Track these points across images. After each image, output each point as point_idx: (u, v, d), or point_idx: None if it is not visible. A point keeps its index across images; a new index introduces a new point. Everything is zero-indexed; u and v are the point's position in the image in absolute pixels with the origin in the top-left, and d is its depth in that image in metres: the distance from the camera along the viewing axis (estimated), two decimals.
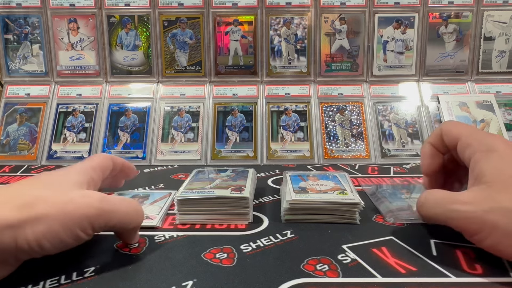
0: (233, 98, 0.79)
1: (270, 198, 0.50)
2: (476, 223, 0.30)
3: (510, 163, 0.32)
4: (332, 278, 0.31)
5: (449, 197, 0.33)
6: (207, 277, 0.31)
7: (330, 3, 0.80)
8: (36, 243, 0.28)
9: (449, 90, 0.80)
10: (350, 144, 0.73)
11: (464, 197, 0.32)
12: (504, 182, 0.30)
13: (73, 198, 0.31)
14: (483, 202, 0.30)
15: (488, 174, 0.31)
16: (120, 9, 0.80)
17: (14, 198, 0.29)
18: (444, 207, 0.33)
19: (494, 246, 0.30)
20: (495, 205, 0.30)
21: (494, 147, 0.33)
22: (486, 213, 0.30)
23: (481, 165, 0.32)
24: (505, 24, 0.80)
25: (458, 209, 0.31)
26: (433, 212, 0.34)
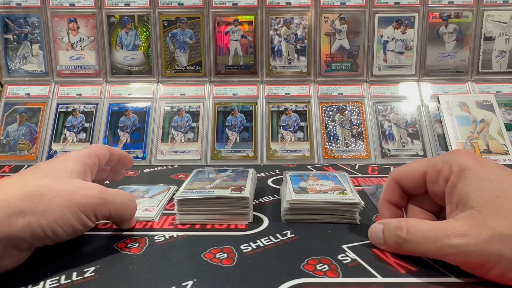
0: (233, 98, 0.79)
1: (270, 198, 0.50)
2: (479, 256, 0.28)
3: (489, 181, 0.30)
4: (332, 278, 0.31)
5: (440, 230, 0.30)
6: (207, 277, 0.31)
7: (330, 3, 0.80)
8: (50, 229, 0.30)
9: (449, 90, 0.80)
10: (350, 144, 0.73)
11: (458, 228, 0.29)
12: (492, 205, 0.29)
13: (77, 188, 0.33)
14: (480, 231, 0.28)
15: (473, 198, 0.29)
16: (120, 9, 0.80)
17: (22, 187, 0.31)
18: (438, 243, 0.29)
19: (502, 276, 0.28)
20: (493, 232, 0.28)
21: (466, 165, 0.31)
22: (487, 243, 0.27)
23: (461, 188, 0.30)
24: (505, 24, 0.80)
25: (456, 244, 0.28)
26: (423, 249, 0.31)
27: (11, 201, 0.29)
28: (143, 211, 0.44)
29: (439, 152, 0.72)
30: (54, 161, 0.36)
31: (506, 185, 0.29)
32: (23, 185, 0.31)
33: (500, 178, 0.30)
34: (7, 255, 0.30)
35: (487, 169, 0.31)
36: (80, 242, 0.38)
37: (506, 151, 0.71)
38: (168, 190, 0.51)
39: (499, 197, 0.29)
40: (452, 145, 0.71)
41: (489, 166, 0.31)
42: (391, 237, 0.33)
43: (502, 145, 0.71)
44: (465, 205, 0.30)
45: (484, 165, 0.31)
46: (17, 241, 0.29)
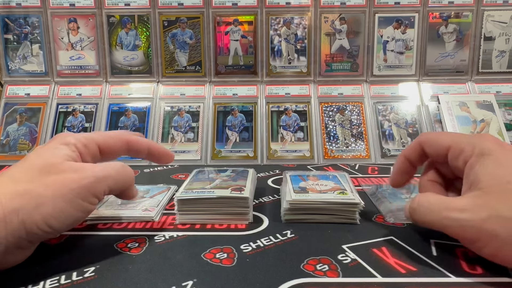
0: (233, 98, 0.79)
1: (270, 198, 0.50)
2: (474, 232, 0.29)
3: (506, 167, 0.30)
4: (332, 278, 0.31)
5: (444, 203, 0.32)
6: (207, 277, 0.31)
7: (330, 3, 0.80)
8: (45, 224, 0.29)
9: (449, 90, 0.80)
10: (350, 144, 0.73)
11: (460, 204, 0.31)
12: (500, 188, 0.29)
13: (65, 174, 0.31)
14: (480, 209, 0.29)
15: (484, 180, 0.30)
16: (120, 9, 0.80)
17: (12, 184, 0.30)
18: (440, 214, 0.31)
19: (494, 254, 0.29)
20: (493, 213, 0.28)
21: (488, 150, 0.32)
22: (484, 221, 0.29)
23: (476, 170, 0.31)
24: (505, 24, 0.80)
25: (454, 217, 0.30)
26: (427, 218, 0.33)
27: (3, 200, 0.28)
28: (143, 211, 0.44)
29: None
30: (45, 148, 0.34)
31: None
32: (12, 182, 0.30)
33: None
34: (9, 254, 0.29)
35: (508, 156, 0.31)
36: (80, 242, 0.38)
37: None
38: (168, 190, 0.51)
39: (510, 182, 0.29)
40: None
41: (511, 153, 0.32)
42: (408, 208, 0.35)
43: None
44: (476, 185, 0.31)
45: (507, 152, 0.32)
46: (15, 241, 0.29)
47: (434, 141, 0.36)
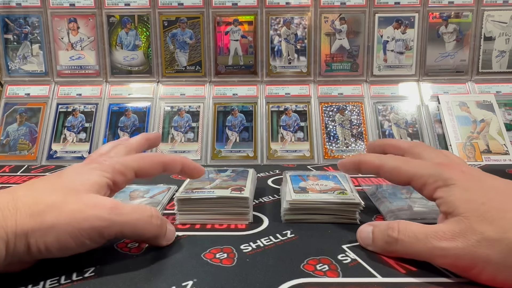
0: (233, 98, 0.79)
1: (270, 198, 0.50)
2: (469, 259, 0.29)
3: (473, 191, 0.31)
4: (332, 278, 0.31)
5: (431, 232, 0.30)
6: (207, 277, 0.31)
7: (330, 3, 0.80)
8: (45, 250, 0.30)
9: (449, 90, 0.80)
10: (350, 144, 0.73)
11: (447, 232, 0.30)
12: (478, 212, 0.29)
13: (82, 208, 0.31)
14: (468, 236, 0.29)
15: (459, 205, 0.30)
16: (120, 9, 0.80)
17: (29, 204, 0.30)
18: (429, 244, 0.30)
19: (493, 279, 0.28)
20: (480, 237, 0.28)
21: (451, 180, 0.32)
22: (475, 247, 0.28)
23: (446, 200, 0.31)
24: (505, 24, 0.80)
25: (446, 247, 0.29)
26: (414, 249, 0.31)
27: (18, 220, 0.29)
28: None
29: None
30: (79, 168, 0.35)
31: (492, 193, 0.31)
32: (33, 198, 0.30)
33: (485, 187, 0.31)
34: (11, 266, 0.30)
35: (473, 180, 0.32)
36: None
37: (506, 151, 0.71)
38: (168, 190, 0.51)
39: (484, 204, 0.30)
40: (452, 145, 0.71)
41: (475, 177, 0.33)
42: (382, 237, 0.33)
43: (502, 145, 0.71)
44: (452, 213, 0.30)
45: (470, 177, 0.32)
46: (17, 258, 0.29)
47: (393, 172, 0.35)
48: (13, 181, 0.61)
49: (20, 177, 0.63)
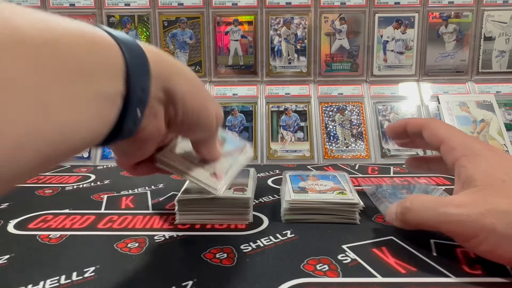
0: (233, 98, 0.79)
1: (270, 198, 0.50)
2: (472, 227, 0.29)
3: (497, 167, 0.31)
4: (332, 278, 0.31)
5: (439, 201, 0.32)
6: (207, 277, 0.31)
7: (330, 3, 0.80)
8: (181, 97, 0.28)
9: (449, 90, 0.80)
10: (350, 144, 0.73)
11: (457, 200, 0.31)
12: (496, 186, 0.30)
13: None
14: (478, 204, 0.29)
15: (478, 178, 0.31)
16: (120, 9, 0.80)
17: None
18: (436, 211, 0.31)
19: (492, 251, 0.29)
20: (491, 207, 0.28)
21: (479, 151, 0.32)
22: (483, 215, 0.28)
23: (469, 169, 0.32)
24: (505, 24, 0.80)
25: (452, 212, 0.30)
26: (423, 216, 0.32)
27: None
28: (211, 174, 0.37)
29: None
30: None
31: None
32: None
33: (508, 165, 0.31)
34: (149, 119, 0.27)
35: (499, 157, 0.32)
36: (80, 242, 0.38)
37: (506, 151, 0.71)
38: (244, 150, 0.42)
39: (505, 181, 0.30)
40: None
41: (502, 155, 0.33)
42: (399, 210, 0.35)
43: (502, 145, 0.71)
44: (469, 183, 0.31)
45: (498, 154, 0.33)
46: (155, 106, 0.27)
47: (433, 130, 0.37)
48: None
49: None
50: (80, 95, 0.20)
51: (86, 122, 0.21)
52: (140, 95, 0.25)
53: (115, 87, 0.23)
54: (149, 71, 0.26)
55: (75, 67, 0.20)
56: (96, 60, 0.22)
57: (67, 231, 0.40)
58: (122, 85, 0.23)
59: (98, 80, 0.21)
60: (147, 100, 0.26)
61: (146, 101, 0.26)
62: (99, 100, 0.22)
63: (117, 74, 0.23)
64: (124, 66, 0.24)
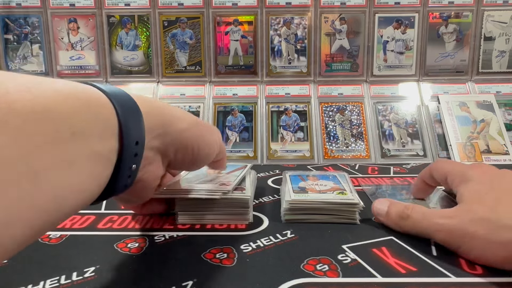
0: (233, 98, 0.79)
1: (270, 198, 0.50)
2: (459, 235, 0.33)
3: (484, 185, 0.35)
4: (332, 278, 0.31)
5: (435, 212, 0.36)
6: (207, 277, 0.31)
7: (330, 3, 0.80)
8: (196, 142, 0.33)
9: (449, 90, 0.80)
10: (350, 144, 0.73)
11: (448, 213, 0.35)
12: (480, 199, 0.34)
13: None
14: (464, 215, 0.33)
15: (466, 194, 0.35)
16: (120, 9, 0.80)
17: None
18: (431, 221, 0.35)
19: (481, 256, 0.31)
20: (474, 216, 0.32)
21: (471, 176, 0.37)
22: (467, 224, 0.32)
23: (461, 190, 0.36)
24: (505, 24, 0.80)
25: (443, 223, 0.34)
26: (420, 225, 0.36)
27: None
28: (220, 185, 0.42)
29: (439, 152, 0.72)
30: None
31: (497, 185, 0.35)
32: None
33: (497, 181, 0.35)
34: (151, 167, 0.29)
35: (487, 176, 0.36)
36: (80, 242, 0.38)
37: (506, 151, 0.71)
38: (245, 168, 0.50)
39: (487, 193, 0.34)
40: (452, 145, 0.71)
41: (492, 175, 0.37)
42: (397, 212, 0.38)
43: (502, 145, 0.71)
44: (461, 201, 0.35)
45: (488, 175, 0.37)
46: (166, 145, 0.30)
47: (439, 168, 0.42)
48: None
49: None
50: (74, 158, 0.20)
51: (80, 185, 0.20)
52: (135, 149, 0.25)
53: (109, 145, 0.23)
54: (143, 123, 0.26)
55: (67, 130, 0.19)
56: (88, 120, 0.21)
57: (67, 231, 0.40)
58: (116, 142, 0.23)
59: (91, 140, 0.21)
60: (142, 153, 0.26)
61: (141, 153, 0.26)
62: (93, 160, 0.21)
63: (111, 132, 0.23)
64: (117, 123, 0.23)
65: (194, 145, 0.33)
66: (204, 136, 0.34)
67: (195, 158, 0.34)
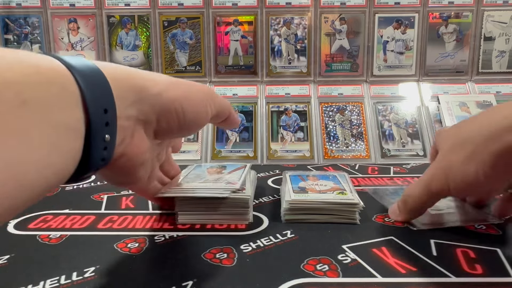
0: (233, 98, 0.79)
1: (270, 198, 0.50)
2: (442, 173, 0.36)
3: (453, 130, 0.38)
4: (332, 278, 0.31)
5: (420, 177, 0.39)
6: (207, 277, 0.31)
7: (330, 3, 0.80)
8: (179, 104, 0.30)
9: (449, 90, 0.80)
10: (350, 144, 0.73)
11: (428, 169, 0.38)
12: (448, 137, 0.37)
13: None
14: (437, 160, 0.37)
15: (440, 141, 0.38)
16: (120, 9, 0.80)
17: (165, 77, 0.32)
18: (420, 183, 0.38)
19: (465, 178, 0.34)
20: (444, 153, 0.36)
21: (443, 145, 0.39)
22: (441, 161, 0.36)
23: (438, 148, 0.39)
24: (505, 24, 0.80)
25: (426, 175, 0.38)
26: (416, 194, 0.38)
27: None
28: (226, 183, 0.42)
29: None
30: None
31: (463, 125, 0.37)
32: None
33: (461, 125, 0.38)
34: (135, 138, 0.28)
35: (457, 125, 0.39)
36: (80, 242, 0.38)
37: None
38: (245, 168, 0.49)
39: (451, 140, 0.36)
40: None
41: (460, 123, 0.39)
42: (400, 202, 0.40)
43: None
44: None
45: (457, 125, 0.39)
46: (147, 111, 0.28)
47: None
48: None
49: None
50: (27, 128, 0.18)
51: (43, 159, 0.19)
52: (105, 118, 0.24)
53: (73, 115, 0.22)
54: (110, 90, 0.25)
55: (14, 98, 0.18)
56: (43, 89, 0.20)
57: (67, 231, 0.40)
58: (81, 111, 0.22)
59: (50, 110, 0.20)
60: (115, 122, 0.25)
61: (115, 123, 0.25)
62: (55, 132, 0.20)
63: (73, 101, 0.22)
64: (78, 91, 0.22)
65: (178, 107, 0.30)
66: (187, 95, 0.32)
67: (181, 122, 0.31)
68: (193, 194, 0.40)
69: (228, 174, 0.47)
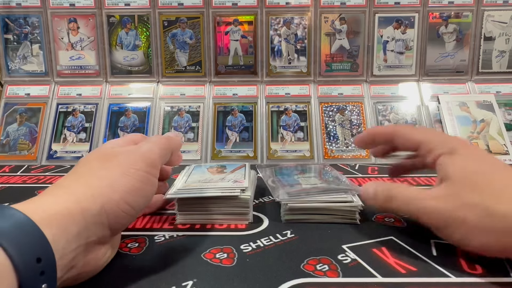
0: (233, 98, 0.79)
1: (270, 198, 0.50)
2: (446, 219, 0.32)
3: (472, 161, 0.34)
4: (332, 278, 0.31)
5: (422, 193, 0.34)
6: (207, 277, 0.31)
7: (330, 3, 0.80)
8: (124, 202, 0.30)
9: (449, 90, 0.80)
10: (350, 144, 0.73)
11: (434, 193, 0.33)
12: (467, 179, 0.32)
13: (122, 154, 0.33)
14: (452, 199, 0.32)
15: (452, 172, 0.33)
16: (120, 9, 0.80)
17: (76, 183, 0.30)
18: (418, 204, 0.34)
19: (463, 239, 0.31)
20: (463, 201, 0.31)
21: (456, 149, 0.34)
22: (455, 209, 0.31)
23: (447, 165, 0.34)
24: (505, 24, 0.80)
25: (431, 205, 0.33)
26: (406, 208, 0.35)
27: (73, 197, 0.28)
28: (233, 182, 0.43)
29: None
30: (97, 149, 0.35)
31: (487, 166, 0.33)
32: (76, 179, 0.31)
33: (483, 160, 0.34)
34: (90, 252, 0.28)
35: (474, 153, 0.35)
36: None
37: (506, 151, 0.71)
38: (245, 166, 0.50)
39: (476, 173, 0.32)
40: None
41: (478, 152, 0.36)
42: (383, 194, 0.37)
43: (502, 145, 0.71)
44: (446, 178, 0.33)
45: (473, 151, 0.35)
46: (95, 232, 0.28)
47: (406, 136, 0.38)
48: (13, 181, 0.61)
49: (20, 177, 0.63)
50: None
51: None
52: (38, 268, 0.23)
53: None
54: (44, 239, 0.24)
55: None
56: None
57: None
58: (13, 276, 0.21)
59: None
60: (54, 266, 0.24)
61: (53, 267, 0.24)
62: None
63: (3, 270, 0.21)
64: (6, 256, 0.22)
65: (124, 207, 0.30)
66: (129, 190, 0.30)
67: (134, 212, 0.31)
68: (203, 194, 0.40)
69: (231, 173, 0.47)
